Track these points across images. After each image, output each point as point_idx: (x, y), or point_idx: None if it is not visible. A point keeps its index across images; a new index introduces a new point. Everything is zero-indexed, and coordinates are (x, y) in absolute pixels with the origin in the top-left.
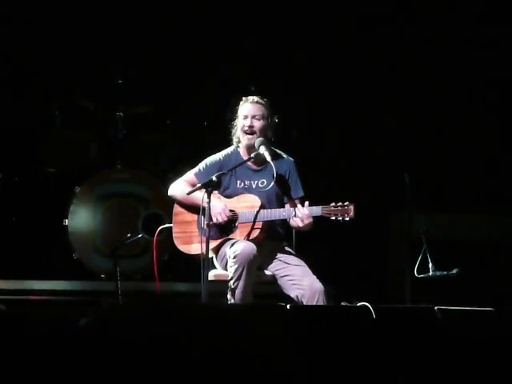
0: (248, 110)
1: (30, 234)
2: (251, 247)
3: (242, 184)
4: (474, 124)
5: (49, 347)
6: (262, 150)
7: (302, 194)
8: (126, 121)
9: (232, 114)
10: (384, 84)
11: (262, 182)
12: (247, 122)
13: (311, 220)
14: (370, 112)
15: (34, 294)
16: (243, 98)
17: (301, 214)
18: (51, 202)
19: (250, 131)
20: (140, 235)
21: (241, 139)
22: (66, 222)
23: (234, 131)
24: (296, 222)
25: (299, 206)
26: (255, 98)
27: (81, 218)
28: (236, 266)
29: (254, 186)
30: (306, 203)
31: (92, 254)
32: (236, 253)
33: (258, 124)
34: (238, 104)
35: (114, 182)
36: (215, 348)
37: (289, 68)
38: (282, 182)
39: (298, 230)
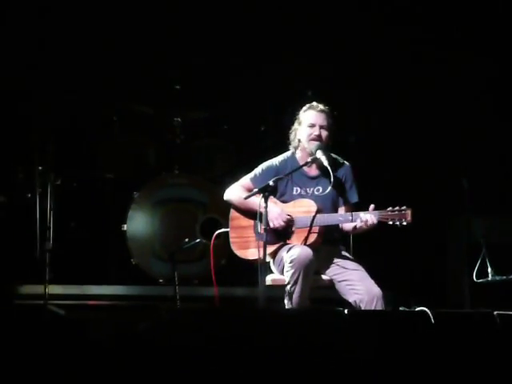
0: (315, 119)
1: (88, 240)
2: (308, 252)
3: (299, 190)
4: None
5: (108, 351)
6: (319, 154)
7: (356, 199)
8: (184, 126)
9: (290, 119)
10: (445, 89)
11: (318, 190)
12: (316, 131)
13: (374, 224)
14: (429, 117)
15: (92, 299)
16: (307, 105)
17: (361, 222)
18: (110, 207)
19: (318, 139)
20: (198, 240)
21: (306, 146)
22: (125, 227)
23: (292, 136)
24: (352, 226)
25: (362, 214)
26: (321, 107)
27: (139, 223)
28: (293, 270)
29: (310, 193)
30: (371, 206)
31: (150, 259)
32: (293, 257)
33: (324, 134)
34: (295, 109)
35: (171, 187)
36: (273, 352)
37: (347, 73)
38: (338, 186)
39: (352, 233)
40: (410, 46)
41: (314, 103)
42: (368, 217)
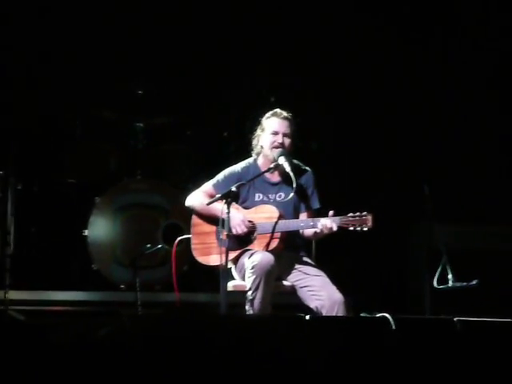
0: (278, 127)
1: (49, 245)
2: (269, 258)
3: (261, 196)
4: (495, 135)
5: (68, 357)
6: (282, 160)
7: (318, 205)
8: (146, 131)
9: (252, 125)
10: (406, 95)
11: (280, 196)
12: (279, 139)
13: (333, 230)
14: (391, 123)
15: (53, 304)
16: (270, 112)
17: (321, 226)
18: (71, 212)
19: (281, 147)
20: (160, 246)
21: (268, 153)
22: (86, 232)
23: (254, 142)
24: (313, 232)
25: (322, 219)
26: (284, 114)
27: (101, 229)
28: (254, 276)
29: (272, 199)
30: (330, 213)
31: (112, 265)
32: (254, 263)
33: (287, 142)
34: (258, 115)
35: (133, 193)
36: (234, 358)
37: (309, 79)
38: (300, 193)
39: (313, 238)
40: (370, 52)
41: (278, 110)
42: (329, 222)
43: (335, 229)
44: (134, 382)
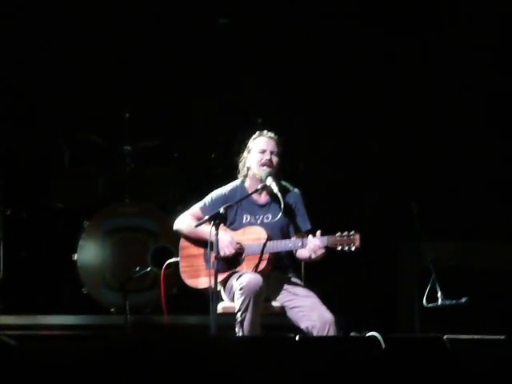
0: (266, 145)
1: (39, 269)
2: (257, 279)
3: (248, 218)
4: (481, 150)
5: (58, 381)
6: (269, 181)
7: (309, 226)
8: (134, 155)
9: (240, 147)
10: (392, 115)
11: (267, 217)
12: (266, 156)
13: (323, 251)
14: (378, 143)
15: (43, 328)
16: (257, 133)
17: (313, 246)
18: (60, 236)
19: (269, 165)
20: (149, 269)
21: (256, 172)
22: (75, 256)
23: (241, 165)
24: (308, 254)
25: (310, 236)
26: (271, 134)
27: (90, 253)
28: (242, 297)
29: (259, 222)
30: (318, 233)
31: (101, 289)
32: (242, 285)
33: (275, 160)
34: (245, 137)
35: (122, 216)
36: (225, 381)
37: (295, 100)
38: (288, 214)
39: (308, 261)
40: (355, 71)
41: (264, 131)
42: (317, 242)
43: (323, 249)
44: None
